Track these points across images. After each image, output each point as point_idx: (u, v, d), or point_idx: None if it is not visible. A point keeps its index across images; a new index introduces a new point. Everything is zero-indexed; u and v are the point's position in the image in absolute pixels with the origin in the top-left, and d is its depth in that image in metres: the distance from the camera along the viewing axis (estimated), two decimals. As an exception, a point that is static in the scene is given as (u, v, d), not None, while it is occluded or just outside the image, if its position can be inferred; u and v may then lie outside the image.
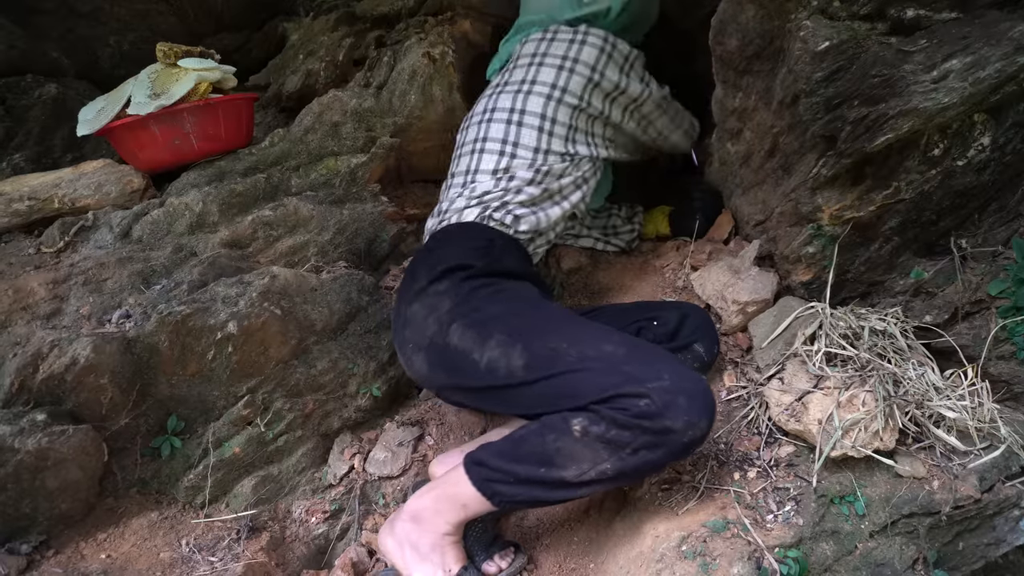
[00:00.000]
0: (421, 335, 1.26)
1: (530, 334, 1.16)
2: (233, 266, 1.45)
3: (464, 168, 1.50)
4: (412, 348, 1.29)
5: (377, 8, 2.10)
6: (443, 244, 1.39)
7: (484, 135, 1.49)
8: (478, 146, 1.49)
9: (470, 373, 1.19)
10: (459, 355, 1.20)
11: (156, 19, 2.23)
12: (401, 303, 1.34)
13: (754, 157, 1.52)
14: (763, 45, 1.35)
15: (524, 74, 1.51)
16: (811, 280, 1.41)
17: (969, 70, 1.12)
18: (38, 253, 1.45)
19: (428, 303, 1.27)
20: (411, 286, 1.32)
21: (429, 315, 1.25)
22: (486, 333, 1.18)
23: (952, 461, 1.14)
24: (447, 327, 1.22)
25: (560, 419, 1.07)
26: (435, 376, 1.28)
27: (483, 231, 1.38)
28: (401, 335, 1.33)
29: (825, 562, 1.03)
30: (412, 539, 1.16)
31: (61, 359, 1.18)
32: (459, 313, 1.22)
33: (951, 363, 1.28)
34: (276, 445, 1.37)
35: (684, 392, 1.00)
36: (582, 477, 1.05)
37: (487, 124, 1.50)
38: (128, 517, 1.25)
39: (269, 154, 1.72)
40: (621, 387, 1.02)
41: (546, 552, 1.24)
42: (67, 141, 1.88)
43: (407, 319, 1.30)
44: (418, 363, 1.28)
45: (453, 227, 1.41)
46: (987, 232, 1.29)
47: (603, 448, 1.02)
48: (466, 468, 1.13)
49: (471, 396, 1.28)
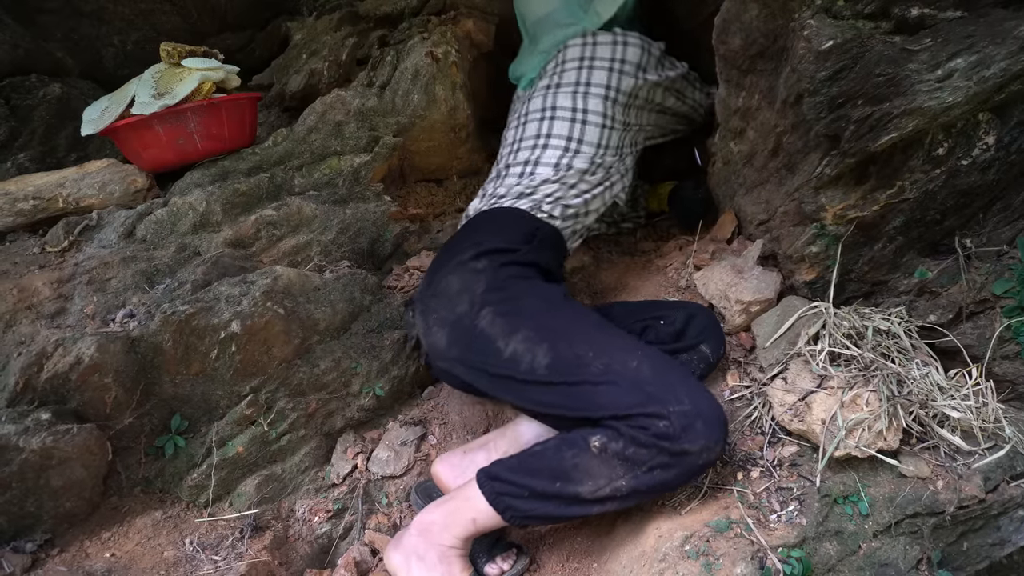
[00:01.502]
0: (449, 310, 1.27)
1: (558, 336, 1.18)
2: (236, 265, 1.45)
3: (524, 159, 1.56)
4: (436, 319, 1.30)
5: (380, 8, 2.10)
6: (489, 224, 1.44)
7: (548, 131, 1.57)
8: (541, 141, 1.57)
9: (491, 359, 1.21)
10: (484, 340, 1.21)
11: (160, 19, 2.23)
12: (437, 271, 1.36)
13: (757, 156, 1.52)
14: (767, 44, 1.34)
15: (577, 76, 1.62)
16: (815, 279, 1.41)
17: (974, 69, 1.11)
18: (42, 252, 1.45)
19: (464, 278, 1.29)
20: (451, 257, 1.35)
21: (462, 292, 1.27)
22: (515, 324, 1.20)
23: (956, 461, 1.14)
24: (478, 310, 1.23)
25: (579, 436, 1.09)
26: (451, 351, 1.29)
27: (530, 220, 1.43)
28: (427, 303, 1.34)
29: (829, 562, 1.03)
30: (419, 551, 1.17)
31: (65, 358, 1.19)
32: (493, 299, 1.24)
33: (955, 363, 1.27)
34: (279, 444, 1.37)
35: (702, 417, 1.03)
36: (597, 493, 1.06)
37: (551, 121, 1.58)
38: (132, 516, 1.25)
39: (272, 154, 1.72)
40: (644, 407, 1.05)
41: (549, 552, 1.24)
42: (71, 141, 1.89)
43: (438, 289, 1.32)
44: (437, 335, 1.30)
45: (503, 210, 1.46)
46: (992, 231, 1.29)
47: (620, 465, 1.05)
48: (479, 482, 1.14)
49: (482, 378, 1.27)
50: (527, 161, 1.55)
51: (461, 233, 1.47)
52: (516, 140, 1.63)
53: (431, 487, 1.33)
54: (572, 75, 1.62)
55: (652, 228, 2.00)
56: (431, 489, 1.33)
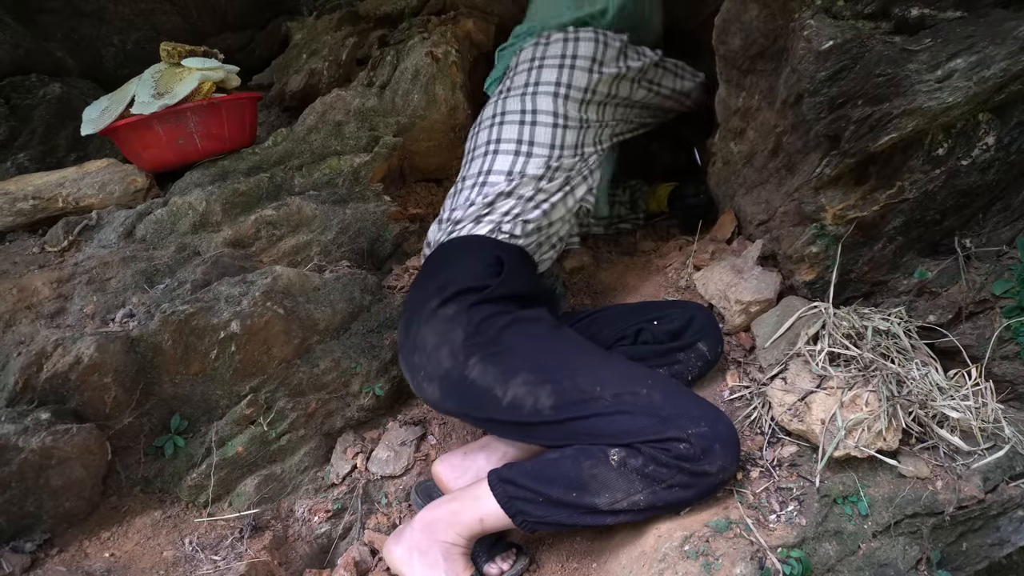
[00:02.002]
0: (435, 366, 1.23)
1: (558, 373, 1.15)
2: (236, 265, 1.45)
3: (476, 170, 1.49)
4: (424, 376, 1.26)
5: (380, 7, 2.10)
6: (452, 260, 1.36)
7: (497, 136, 1.50)
8: (491, 147, 1.50)
9: (491, 407, 1.18)
10: (480, 390, 1.18)
11: (160, 18, 2.23)
12: (410, 322, 1.31)
13: (757, 156, 1.52)
14: (766, 44, 1.34)
15: (527, 78, 1.55)
16: (814, 280, 1.41)
17: (974, 69, 1.11)
18: (42, 252, 1.45)
19: (438, 329, 1.24)
20: (420, 305, 1.29)
21: (442, 345, 1.22)
22: (510, 370, 1.17)
23: (956, 461, 1.14)
24: (465, 361, 1.19)
25: (598, 448, 1.09)
26: (447, 404, 1.26)
27: (492, 247, 1.36)
28: (410, 360, 1.30)
29: (828, 562, 1.03)
30: (422, 547, 1.16)
31: (65, 358, 1.19)
32: (476, 345, 1.20)
33: (955, 363, 1.27)
34: (279, 444, 1.37)
35: (720, 439, 1.05)
36: (614, 506, 1.07)
37: (499, 127, 1.51)
38: (132, 516, 1.25)
39: (272, 153, 1.72)
40: (662, 432, 1.05)
41: (548, 552, 1.24)
42: (71, 140, 1.89)
43: (416, 344, 1.27)
44: (430, 390, 1.26)
45: (462, 240, 1.39)
46: (991, 232, 1.29)
47: (639, 480, 1.06)
48: (491, 485, 1.14)
49: (487, 424, 1.28)
50: (480, 171, 1.48)
51: (425, 271, 1.39)
52: (470, 150, 1.57)
53: (431, 487, 1.33)
54: (522, 77, 1.57)
55: (652, 228, 2.00)
56: (431, 489, 1.33)
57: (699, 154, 1.95)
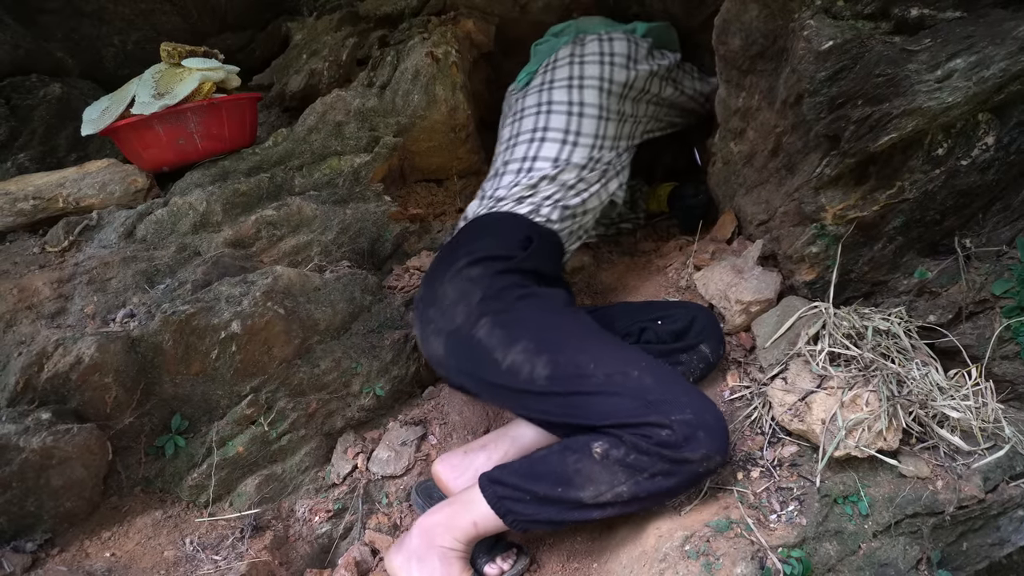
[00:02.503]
0: (447, 320, 1.28)
1: (558, 346, 1.18)
2: (237, 265, 1.45)
3: (522, 155, 1.56)
4: (433, 330, 1.31)
5: (380, 8, 2.10)
6: (486, 230, 1.44)
7: (545, 124, 1.57)
8: (539, 135, 1.57)
9: (489, 369, 1.21)
10: (482, 350, 1.22)
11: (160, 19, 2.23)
12: (433, 279, 1.36)
13: (757, 157, 1.52)
14: (766, 44, 1.34)
15: (569, 71, 1.63)
16: (814, 280, 1.41)
17: (973, 69, 1.12)
18: (42, 252, 1.46)
19: (459, 287, 1.29)
20: (447, 264, 1.35)
21: (459, 302, 1.27)
22: (514, 336, 1.20)
23: (956, 461, 1.14)
24: (476, 321, 1.24)
25: (582, 442, 1.11)
26: (448, 360, 1.30)
27: (528, 226, 1.43)
28: (425, 313, 1.34)
29: (828, 562, 1.03)
30: (419, 554, 1.17)
31: (66, 358, 1.19)
32: (490, 309, 1.24)
33: (955, 363, 1.27)
34: (279, 444, 1.37)
35: (704, 427, 1.04)
36: (598, 498, 1.07)
37: (547, 115, 1.59)
38: (132, 516, 1.25)
39: (272, 154, 1.73)
40: (646, 416, 1.06)
41: (549, 552, 1.24)
42: (71, 141, 1.89)
43: (435, 298, 1.32)
44: (436, 345, 1.31)
45: (500, 215, 1.46)
46: (991, 232, 1.29)
47: (621, 471, 1.06)
48: (481, 487, 1.15)
49: (482, 387, 1.30)
50: (525, 156, 1.55)
51: (458, 238, 1.46)
52: (512, 136, 1.63)
53: (431, 487, 1.34)
54: (564, 71, 1.64)
55: (652, 228, 2.00)
56: (431, 489, 1.33)
57: (699, 154, 1.95)
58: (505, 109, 1.79)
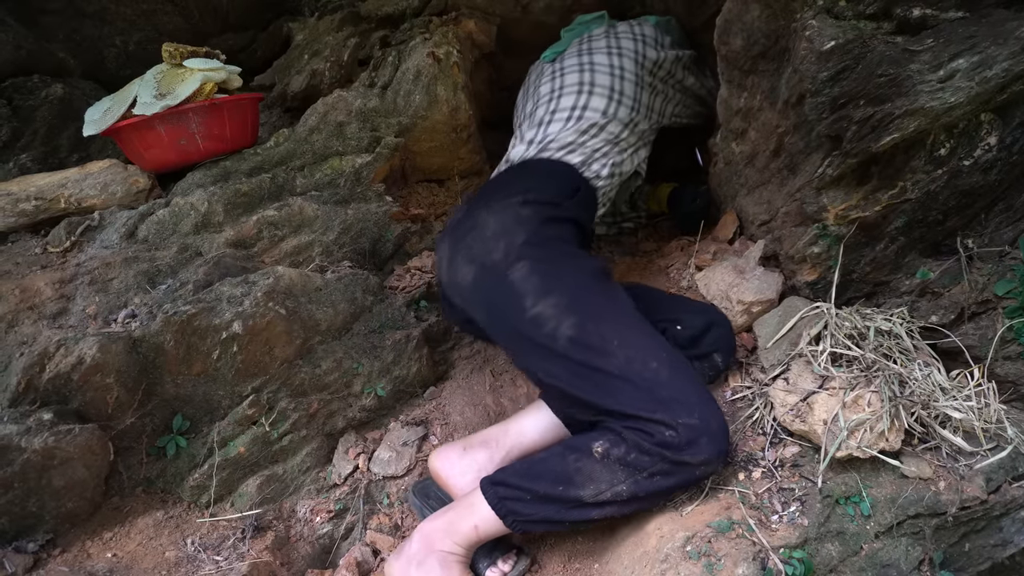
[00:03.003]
0: (484, 251, 1.24)
1: (588, 314, 1.16)
2: (238, 266, 1.45)
3: (570, 104, 1.57)
4: (465, 256, 1.27)
5: (382, 8, 2.10)
6: (536, 172, 1.44)
7: (591, 81, 1.60)
8: (586, 88, 1.59)
9: (512, 314, 1.19)
10: (513, 292, 1.19)
11: (162, 19, 2.23)
12: (477, 206, 1.33)
13: (759, 157, 1.52)
14: (768, 45, 1.34)
15: (607, 42, 1.70)
16: (816, 280, 1.41)
17: (976, 69, 1.11)
18: (44, 253, 1.46)
19: (505, 221, 1.26)
20: (493, 196, 1.33)
21: (500, 236, 1.24)
22: (549, 288, 1.17)
23: (958, 462, 1.13)
24: (514, 261, 1.21)
25: (582, 441, 1.11)
26: (473, 291, 1.27)
27: (576, 177, 1.44)
28: (461, 236, 1.30)
29: (830, 563, 1.03)
30: (419, 559, 1.16)
31: (67, 358, 1.19)
32: (531, 254, 1.21)
33: (957, 363, 1.27)
34: (281, 445, 1.37)
35: (708, 433, 1.05)
36: (598, 497, 1.07)
37: (591, 72, 1.62)
38: (134, 516, 1.25)
39: (274, 154, 1.73)
40: (653, 412, 1.06)
41: (550, 552, 1.24)
42: (73, 141, 1.89)
43: (475, 224, 1.28)
44: (464, 272, 1.27)
45: (551, 161, 1.46)
46: (993, 232, 1.29)
47: (621, 470, 1.07)
48: (483, 489, 1.15)
49: (497, 328, 1.26)
50: (574, 106, 1.56)
51: (505, 176, 1.45)
52: (556, 89, 1.64)
53: (428, 486, 1.34)
54: (602, 42, 1.70)
55: (654, 228, 2.00)
56: (428, 487, 1.33)
57: (701, 154, 1.95)
58: (532, 77, 1.81)
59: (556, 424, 1.29)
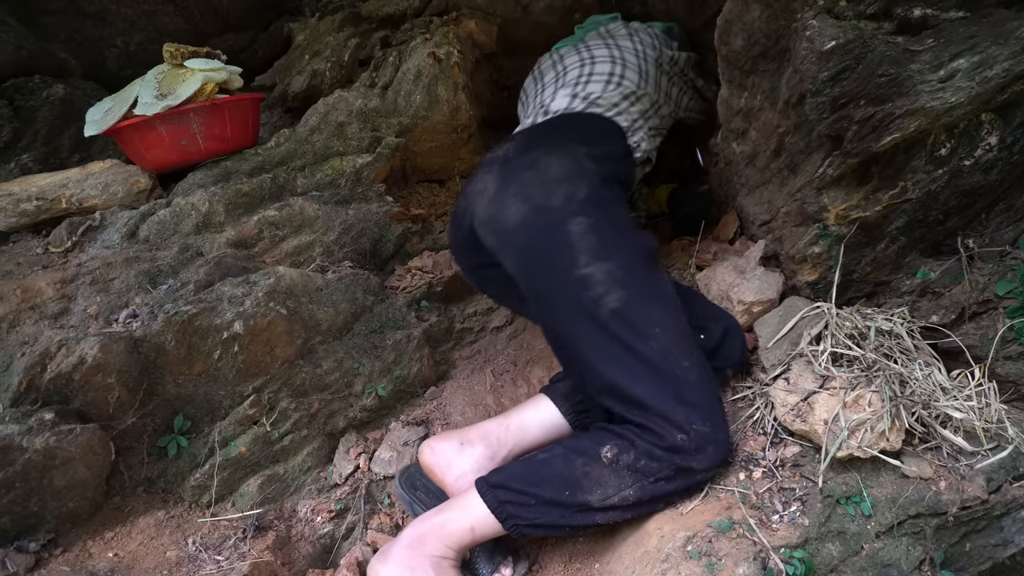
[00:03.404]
0: (543, 194, 1.19)
1: (639, 292, 1.13)
2: (239, 266, 1.45)
3: (608, 71, 1.56)
4: (519, 194, 1.21)
5: (383, 8, 2.11)
6: (596, 128, 1.41)
7: (622, 57, 1.61)
8: (619, 61, 1.59)
9: (557, 266, 1.15)
10: (564, 246, 1.15)
11: (162, 19, 2.24)
12: (535, 144, 1.28)
13: (760, 157, 1.52)
14: (769, 45, 1.34)
15: (628, 30, 1.73)
16: (817, 280, 1.41)
17: (976, 69, 1.11)
18: (46, 253, 1.46)
19: (569, 168, 1.22)
20: (555, 136, 1.31)
21: (563, 183, 1.19)
22: (607, 253, 1.14)
23: (959, 462, 1.13)
24: (574, 214, 1.16)
25: (588, 445, 1.11)
26: (517, 231, 1.20)
27: (625, 143, 1.43)
28: (515, 169, 1.25)
29: (831, 562, 1.03)
30: (411, 564, 1.11)
31: (69, 358, 1.19)
32: (592, 212, 1.17)
33: (958, 363, 1.27)
34: (282, 444, 1.37)
35: (716, 442, 1.08)
36: (605, 502, 1.08)
37: (618, 49, 1.63)
38: (135, 516, 1.25)
39: (275, 154, 1.73)
40: (671, 411, 1.07)
41: (551, 553, 1.24)
42: (74, 141, 1.89)
43: (535, 163, 1.23)
44: (512, 209, 1.21)
45: (606, 119, 1.43)
46: (994, 232, 1.29)
47: (629, 475, 1.07)
48: (481, 492, 1.12)
49: (532, 276, 1.21)
50: (612, 73, 1.55)
51: (559, 123, 1.41)
52: (587, 61, 1.61)
53: (415, 475, 1.31)
54: (623, 30, 1.73)
55: (654, 228, 2.00)
56: (415, 477, 1.30)
57: (701, 154, 1.95)
58: (543, 64, 1.78)
59: (558, 421, 1.28)
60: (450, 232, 1.46)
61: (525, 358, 1.68)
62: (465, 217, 1.34)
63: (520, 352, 1.71)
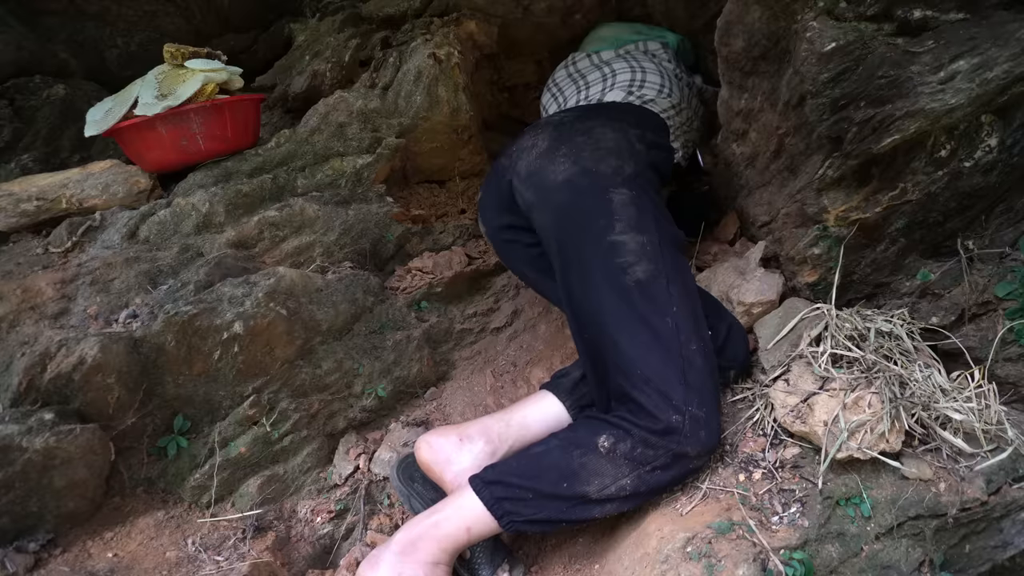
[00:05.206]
0: (593, 159, 1.24)
1: (665, 268, 1.17)
2: (239, 266, 1.45)
3: (659, 83, 1.62)
4: (570, 155, 1.26)
5: (383, 9, 2.11)
6: (657, 124, 1.47)
7: (667, 73, 1.65)
8: (666, 75, 1.65)
9: (594, 228, 1.19)
10: (605, 210, 1.19)
11: (163, 20, 2.24)
12: (590, 115, 1.34)
13: (760, 158, 1.52)
14: (769, 46, 1.34)
15: (644, 47, 1.78)
16: (817, 281, 1.41)
17: (976, 71, 1.11)
18: (46, 253, 1.46)
19: (621, 144, 1.27)
20: (608, 113, 1.35)
21: (613, 154, 1.24)
22: (641, 226, 1.18)
23: (959, 463, 1.13)
24: (619, 185, 1.21)
25: (584, 436, 1.12)
26: (560, 189, 1.25)
27: (671, 144, 1.50)
28: (566, 132, 1.29)
29: (831, 564, 1.03)
30: (404, 573, 1.08)
31: (68, 358, 1.19)
32: (635, 187, 1.22)
33: (958, 365, 1.27)
34: (281, 445, 1.37)
35: (708, 428, 1.11)
36: (603, 492, 1.08)
37: (644, 55, 1.69)
38: (135, 516, 1.25)
39: (275, 155, 1.73)
40: (671, 390, 1.09)
41: (551, 554, 1.24)
42: (75, 142, 1.89)
43: (589, 130, 1.28)
44: (560, 167, 1.26)
45: (650, 112, 1.49)
46: (994, 233, 1.29)
47: (626, 464, 1.08)
48: (476, 489, 1.11)
49: (563, 234, 1.25)
50: (662, 85, 1.62)
51: (617, 107, 1.48)
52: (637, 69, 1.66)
53: (412, 467, 1.30)
54: (641, 46, 1.78)
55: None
56: (412, 469, 1.29)
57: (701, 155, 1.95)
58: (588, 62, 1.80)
59: (562, 416, 1.28)
60: (483, 189, 1.52)
61: (525, 359, 1.68)
62: (506, 174, 1.40)
63: (520, 353, 1.71)
